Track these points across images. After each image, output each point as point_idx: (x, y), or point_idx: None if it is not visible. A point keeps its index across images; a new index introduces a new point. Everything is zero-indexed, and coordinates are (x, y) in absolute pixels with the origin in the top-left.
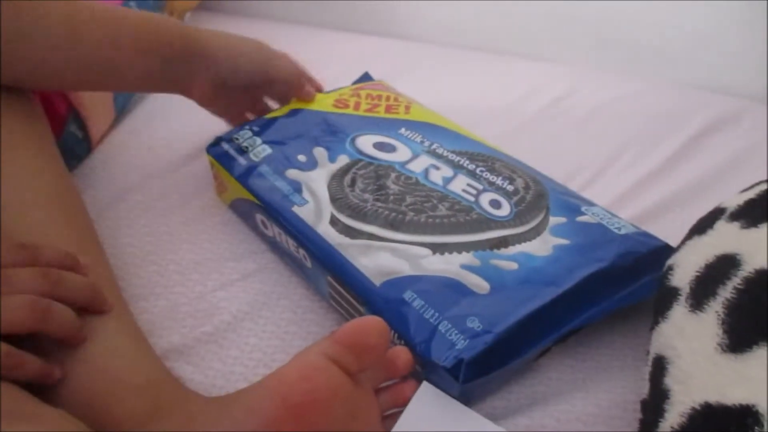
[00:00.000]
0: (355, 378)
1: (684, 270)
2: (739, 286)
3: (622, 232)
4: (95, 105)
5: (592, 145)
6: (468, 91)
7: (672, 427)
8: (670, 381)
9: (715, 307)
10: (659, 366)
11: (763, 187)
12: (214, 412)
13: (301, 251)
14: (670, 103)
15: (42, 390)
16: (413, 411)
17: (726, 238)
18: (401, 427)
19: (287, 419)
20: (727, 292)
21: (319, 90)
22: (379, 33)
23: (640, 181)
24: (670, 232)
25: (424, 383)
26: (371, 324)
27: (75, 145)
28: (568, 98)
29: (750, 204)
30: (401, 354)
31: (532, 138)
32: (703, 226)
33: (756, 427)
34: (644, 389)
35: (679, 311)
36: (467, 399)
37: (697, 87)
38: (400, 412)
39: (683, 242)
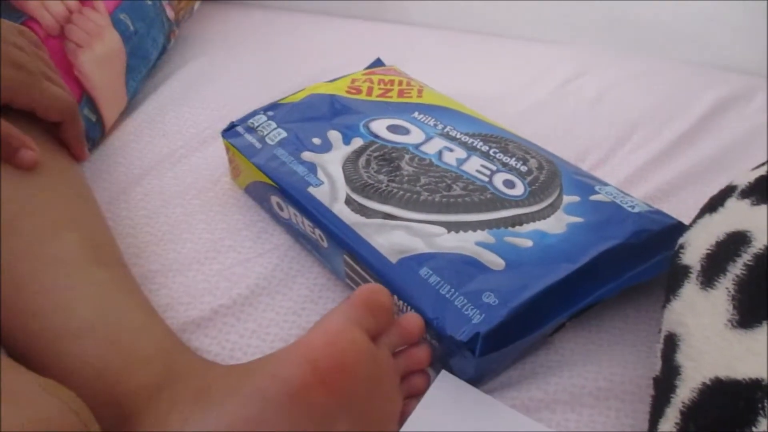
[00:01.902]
0: (375, 340)
1: (695, 248)
2: (749, 263)
3: (636, 210)
4: (106, 88)
5: (603, 125)
6: (478, 74)
7: (683, 403)
8: (681, 357)
9: (726, 283)
10: (671, 343)
11: None
12: (233, 379)
13: (317, 231)
14: (681, 82)
15: (49, 363)
16: (432, 397)
17: (736, 215)
18: (420, 413)
19: (316, 385)
20: (737, 268)
21: (33, 163)
22: (388, 19)
23: (651, 160)
24: (682, 210)
25: (443, 371)
26: (378, 287)
27: (89, 129)
28: (577, 80)
29: (761, 181)
30: (413, 319)
31: (543, 120)
32: (714, 204)
33: (765, 401)
34: (656, 366)
35: (690, 289)
36: (483, 373)
37: (707, 65)
38: (416, 375)
39: (694, 221)
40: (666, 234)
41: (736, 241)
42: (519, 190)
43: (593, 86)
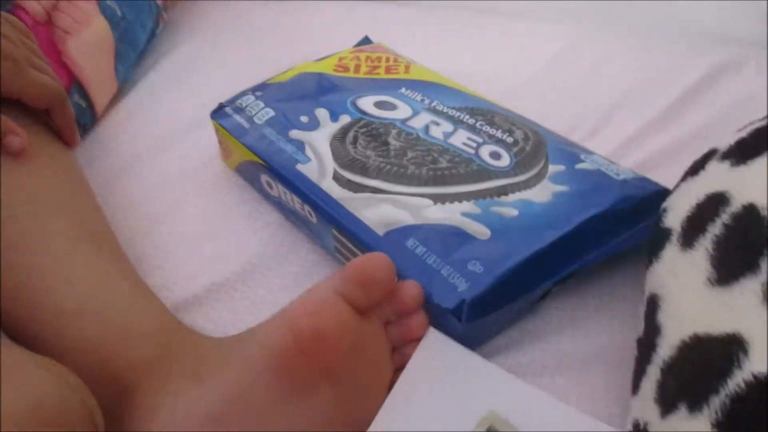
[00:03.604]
0: (363, 313)
1: (676, 211)
2: (726, 222)
3: (621, 177)
4: (96, 74)
5: (593, 99)
6: (467, 52)
7: (663, 360)
8: (662, 317)
9: (705, 243)
10: (652, 304)
11: (755, 125)
12: (224, 351)
13: (306, 207)
14: (672, 53)
15: (47, 344)
16: (420, 356)
17: (716, 177)
18: (409, 372)
19: (296, 353)
20: (716, 228)
21: (20, 149)
22: None
23: (642, 129)
24: (673, 178)
25: (431, 329)
26: (377, 259)
27: (80, 115)
28: (567, 55)
29: (741, 143)
30: (410, 288)
31: (533, 96)
32: (696, 167)
33: (740, 354)
34: (640, 328)
35: (671, 251)
36: (471, 340)
37: (698, 35)
38: (410, 344)
39: (677, 185)
40: (652, 200)
41: (715, 202)
42: (505, 161)
43: (583, 61)
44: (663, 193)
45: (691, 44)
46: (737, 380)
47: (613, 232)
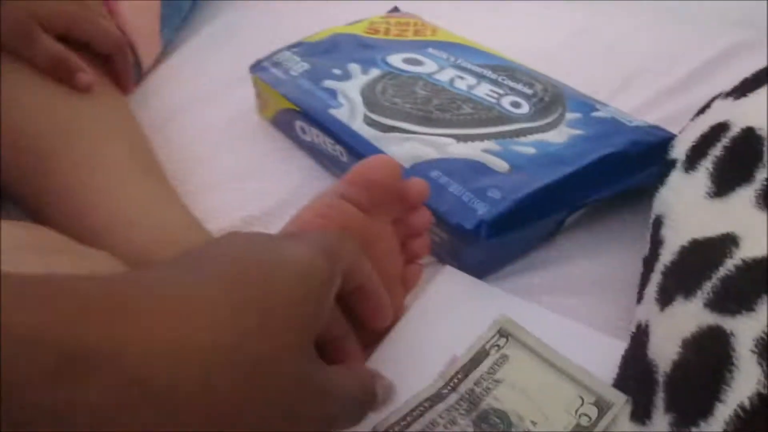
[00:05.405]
0: (369, 212)
1: (683, 143)
2: (726, 145)
3: (634, 124)
4: (142, 33)
5: (607, 73)
6: (486, 30)
7: (664, 265)
8: (665, 231)
9: (706, 164)
10: (657, 223)
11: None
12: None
13: (338, 147)
14: (688, 33)
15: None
16: (434, 287)
17: (720, 111)
18: (422, 299)
19: None
20: (716, 150)
21: (88, 85)
22: None
23: (656, 98)
24: None
25: (447, 267)
26: (377, 161)
27: None
28: (582, 33)
29: (744, 81)
30: (415, 185)
31: (550, 71)
32: (703, 108)
33: (732, 247)
34: (646, 249)
35: (676, 176)
36: (488, 263)
37: (716, 19)
38: (416, 239)
39: (685, 125)
40: (662, 146)
41: (717, 130)
42: (524, 109)
43: (601, 38)
44: (672, 140)
45: (708, 26)
46: (728, 266)
47: (624, 173)
